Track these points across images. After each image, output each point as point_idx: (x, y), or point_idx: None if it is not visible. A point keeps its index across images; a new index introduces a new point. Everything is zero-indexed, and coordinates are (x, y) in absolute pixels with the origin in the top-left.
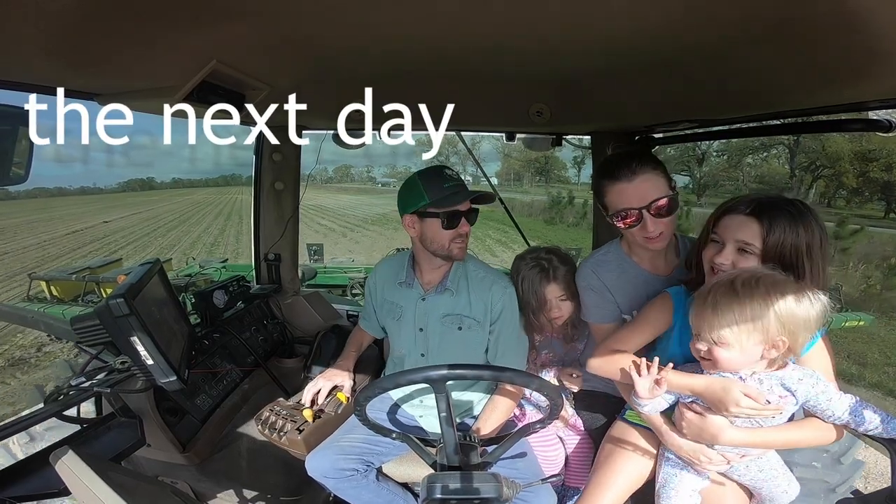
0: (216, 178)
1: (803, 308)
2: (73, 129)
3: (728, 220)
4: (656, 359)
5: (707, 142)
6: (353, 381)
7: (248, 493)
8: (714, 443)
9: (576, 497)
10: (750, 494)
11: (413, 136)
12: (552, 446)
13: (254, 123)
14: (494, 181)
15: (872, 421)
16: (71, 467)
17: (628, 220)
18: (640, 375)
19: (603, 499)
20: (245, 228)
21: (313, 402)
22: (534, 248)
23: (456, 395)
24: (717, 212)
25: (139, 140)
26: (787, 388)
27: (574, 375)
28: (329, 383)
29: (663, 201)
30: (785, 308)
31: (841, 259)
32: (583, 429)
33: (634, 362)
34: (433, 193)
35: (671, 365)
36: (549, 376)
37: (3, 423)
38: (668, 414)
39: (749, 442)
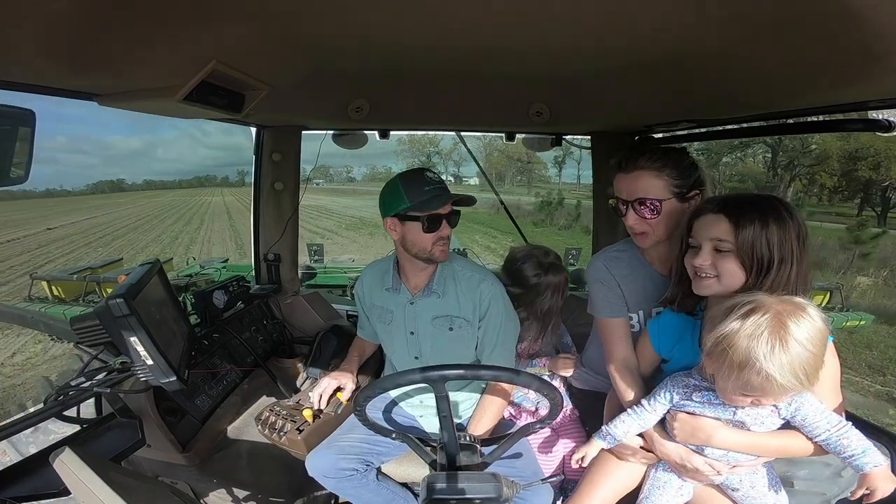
0: (190, 180)
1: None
2: (43, 129)
3: (700, 223)
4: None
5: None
6: (356, 384)
7: (248, 493)
8: (708, 444)
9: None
10: None
11: (395, 137)
12: (550, 445)
13: (254, 124)
14: (475, 181)
15: (845, 450)
16: (71, 467)
17: (618, 209)
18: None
19: (592, 500)
20: (203, 236)
21: (319, 400)
22: (525, 247)
23: (455, 395)
24: (689, 218)
25: (111, 140)
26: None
27: (565, 360)
28: (335, 382)
29: (649, 202)
30: (825, 346)
31: (861, 265)
32: (582, 428)
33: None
34: (414, 196)
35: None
36: (540, 366)
37: (3, 423)
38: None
39: (742, 444)
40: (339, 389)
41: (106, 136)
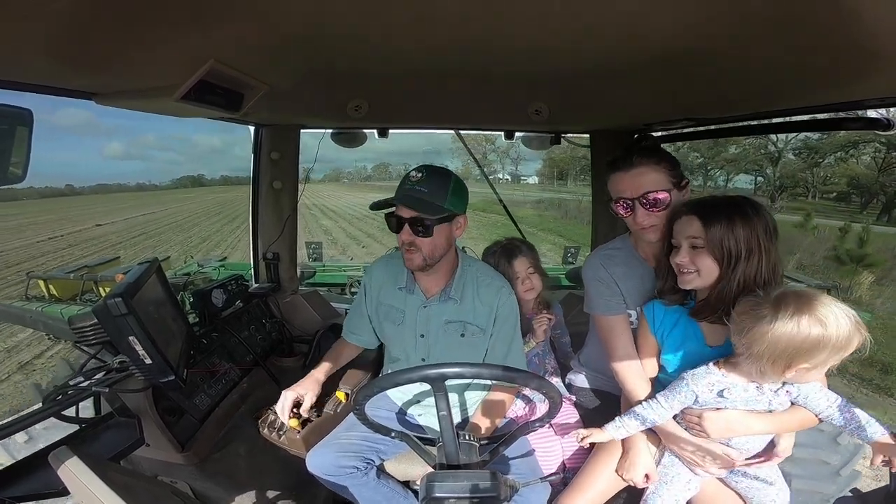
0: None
1: None
2: (135, 127)
3: (677, 225)
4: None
5: (784, 139)
6: (318, 392)
7: (248, 492)
8: (747, 434)
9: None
10: (742, 501)
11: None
12: (549, 444)
13: (252, 122)
14: (534, 180)
15: (850, 423)
16: (70, 467)
17: (621, 209)
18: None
19: (590, 490)
20: (232, 240)
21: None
22: (495, 241)
23: (455, 394)
24: (669, 222)
25: (195, 138)
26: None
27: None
28: (292, 395)
29: (656, 195)
30: None
31: None
32: (581, 426)
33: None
34: (397, 193)
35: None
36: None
37: (2, 423)
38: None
39: (772, 426)
40: (299, 405)
41: (191, 134)
